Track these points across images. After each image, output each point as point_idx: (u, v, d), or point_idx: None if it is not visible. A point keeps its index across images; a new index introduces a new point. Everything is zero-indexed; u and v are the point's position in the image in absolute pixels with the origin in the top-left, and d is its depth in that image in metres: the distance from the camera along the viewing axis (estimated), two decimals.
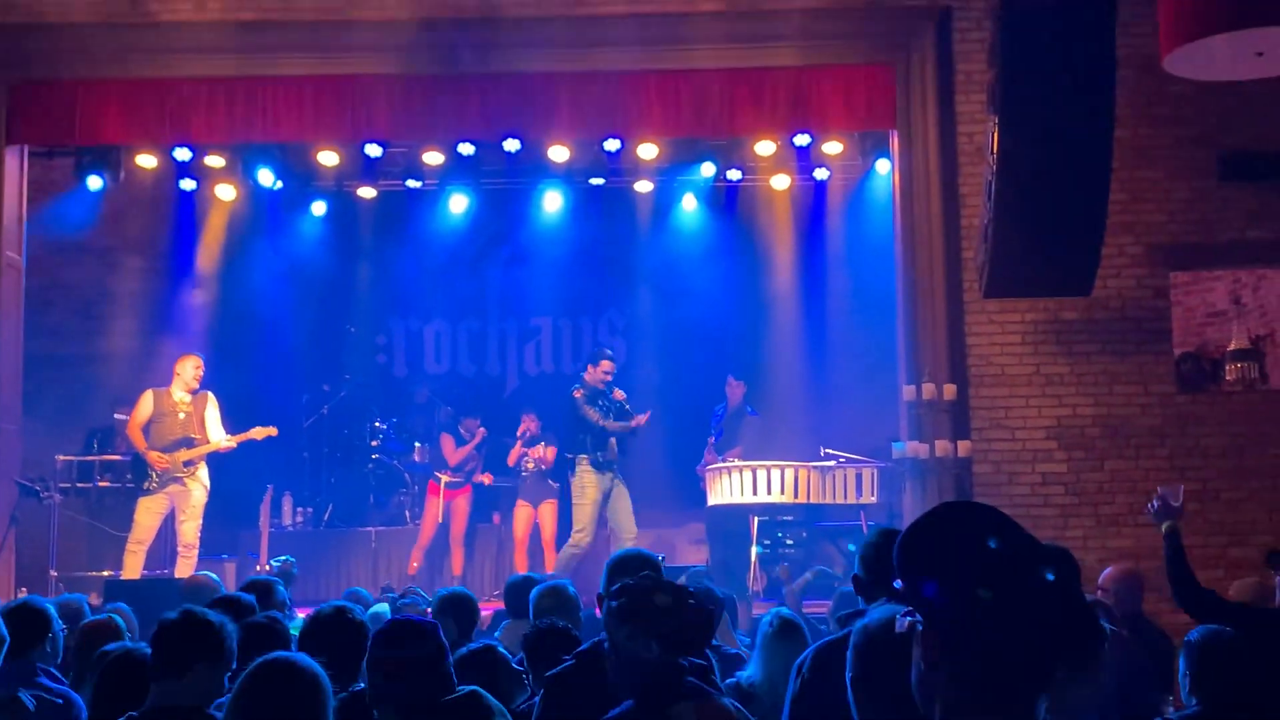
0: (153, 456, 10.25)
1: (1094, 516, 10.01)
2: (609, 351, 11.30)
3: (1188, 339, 10.38)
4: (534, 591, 5.80)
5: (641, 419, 10.93)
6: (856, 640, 2.84)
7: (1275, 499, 10.03)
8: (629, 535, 10.53)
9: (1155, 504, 5.64)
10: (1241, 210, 10.34)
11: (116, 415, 11.50)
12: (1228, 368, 10.21)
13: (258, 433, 10.64)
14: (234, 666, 3.84)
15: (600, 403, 10.84)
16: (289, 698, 3.00)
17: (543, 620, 4.98)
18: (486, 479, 12.28)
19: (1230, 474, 10.10)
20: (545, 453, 12.03)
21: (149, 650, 4.04)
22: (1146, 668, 5.14)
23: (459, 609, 5.79)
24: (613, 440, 10.82)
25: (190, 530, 10.30)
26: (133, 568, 10.15)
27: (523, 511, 12.02)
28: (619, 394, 11.00)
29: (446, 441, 12.31)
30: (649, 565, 4.09)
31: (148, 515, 10.30)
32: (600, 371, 10.93)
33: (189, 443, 10.36)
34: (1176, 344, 10.36)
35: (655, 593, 3.45)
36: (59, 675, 5.18)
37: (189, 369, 10.53)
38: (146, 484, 10.31)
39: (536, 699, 4.03)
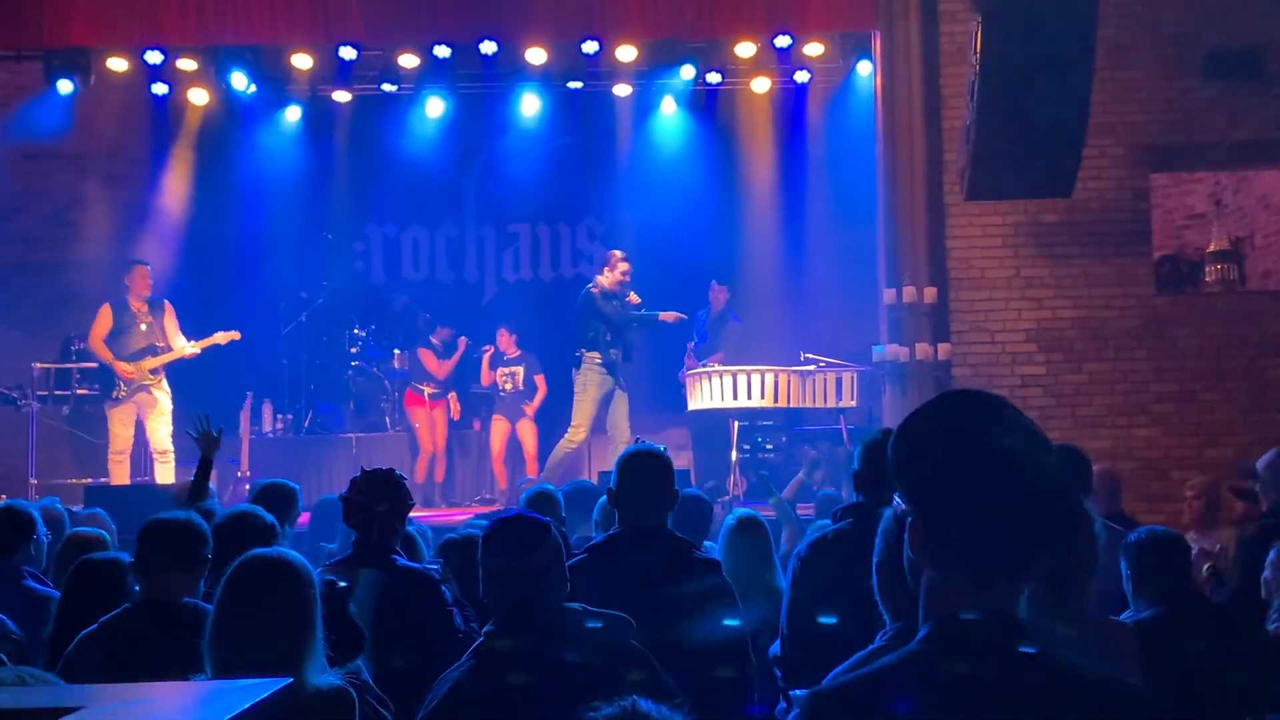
0: (121, 367, 10.26)
1: (1072, 418, 10.08)
2: (621, 253, 10.88)
3: (1167, 241, 10.39)
4: (522, 496, 5.86)
5: (670, 316, 10.75)
6: (885, 526, 2.93)
7: (1251, 400, 10.11)
8: (623, 439, 10.28)
9: None
10: (1223, 110, 10.30)
11: (74, 347, 11.27)
12: (1207, 269, 10.24)
13: (221, 337, 10.58)
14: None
15: (615, 303, 10.57)
16: (282, 589, 2.98)
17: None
18: (454, 411, 12.16)
19: (1207, 375, 10.17)
20: (518, 381, 11.94)
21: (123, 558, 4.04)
22: None
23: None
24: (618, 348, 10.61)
25: (164, 437, 10.42)
26: (120, 476, 10.31)
27: (499, 425, 11.97)
28: (634, 298, 10.68)
29: (427, 357, 12.16)
30: (658, 460, 4.10)
31: (121, 426, 10.41)
32: (618, 274, 10.62)
33: (154, 351, 10.39)
34: (1156, 246, 10.37)
35: None
36: (43, 578, 5.19)
37: (138, 277, 10.51)
38: (115, 393, 10.35)
39: None
